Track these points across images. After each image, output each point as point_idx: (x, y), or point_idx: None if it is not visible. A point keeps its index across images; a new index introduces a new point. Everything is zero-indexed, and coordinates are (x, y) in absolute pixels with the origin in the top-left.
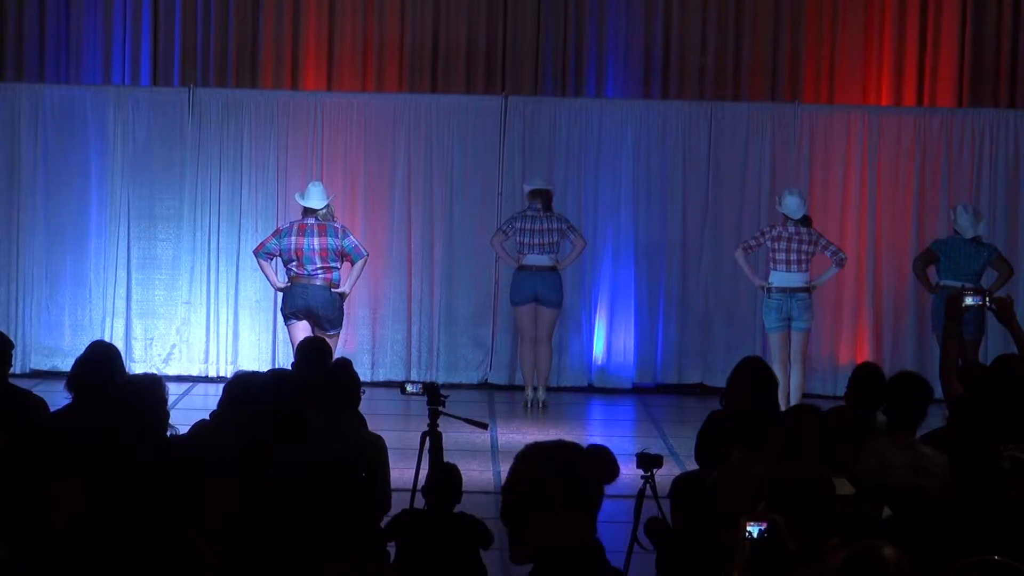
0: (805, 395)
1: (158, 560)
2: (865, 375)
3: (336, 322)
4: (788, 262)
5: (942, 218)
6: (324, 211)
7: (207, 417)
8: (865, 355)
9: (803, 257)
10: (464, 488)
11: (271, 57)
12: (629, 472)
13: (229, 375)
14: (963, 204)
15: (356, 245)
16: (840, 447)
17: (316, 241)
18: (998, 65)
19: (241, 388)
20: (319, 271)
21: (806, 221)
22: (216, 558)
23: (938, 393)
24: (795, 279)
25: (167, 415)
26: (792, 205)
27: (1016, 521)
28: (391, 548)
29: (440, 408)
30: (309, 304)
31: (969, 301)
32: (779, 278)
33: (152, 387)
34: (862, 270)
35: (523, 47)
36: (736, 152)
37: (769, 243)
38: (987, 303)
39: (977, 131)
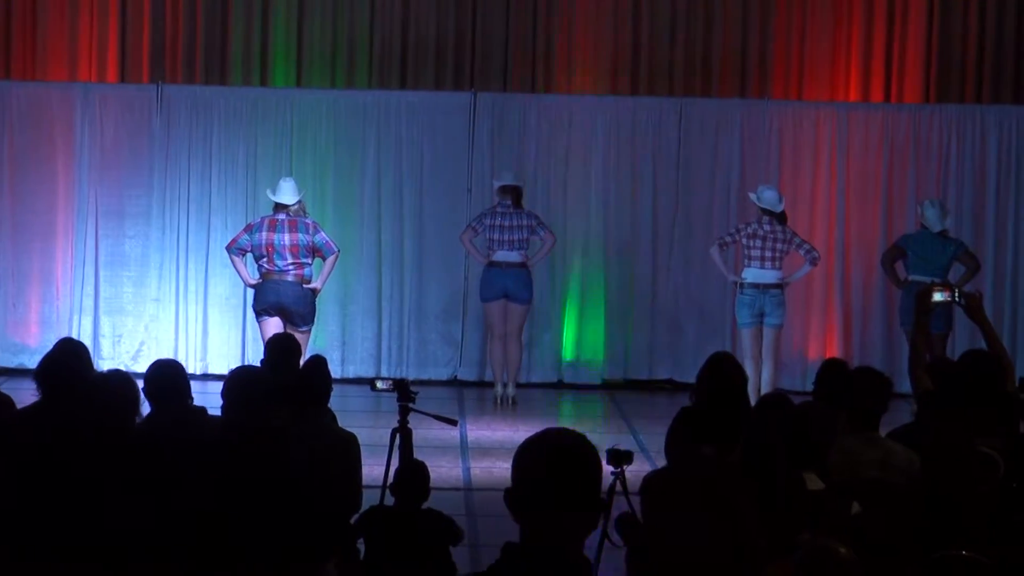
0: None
1: (124, 555)
2: (832, 371)
3: (308, 318)
4: (762, 259)
5: (910, 213)
6: (295, 207)
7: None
8: (834, 350)
9: (777, 255)
10: (434, 485)
11: (240, 54)
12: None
13: (199, 372)
14: (930, 199)
15: (327, 241)
16: (809, 442)
17: (287, 237)
18: (964, 61)
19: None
20: (291, 267)
21: (782, 218)
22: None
23: (906, 388)
24: (768, 276)
25: (139, 413)
26: (771, 199)
27: (984, 517)
28: (360, 545)
29: (410, 404)
30: (281, 300)
31: (938, 297)
32: (752, 274)
33: (123, 384)
34: (831, 265)
35: (492, 43)
36: (706, 148)
37: (744, 240)
38: (956, 299)
39: (944, 126)
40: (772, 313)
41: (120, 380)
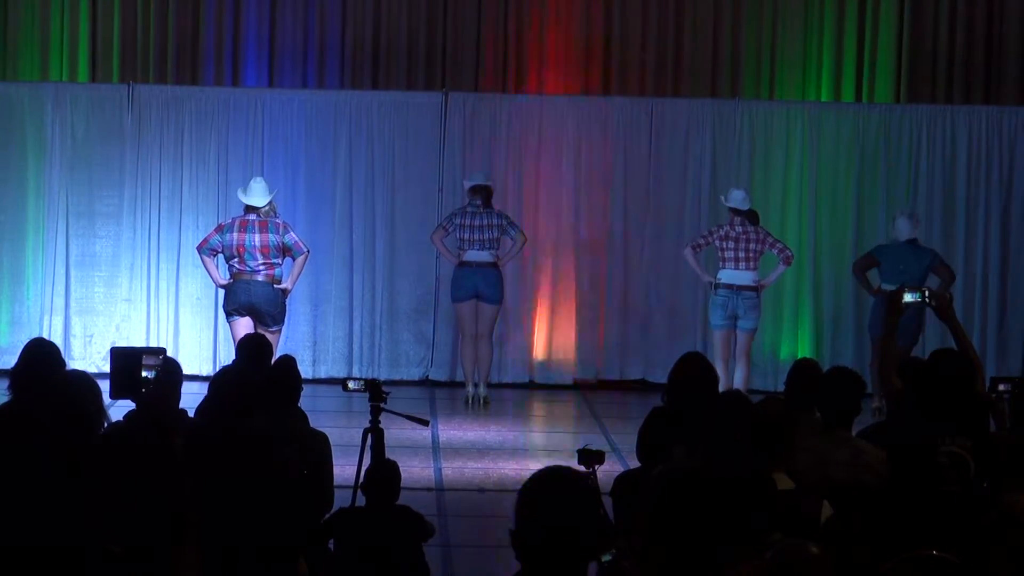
0: (748, 391)
1: (94, 556)
2: (803, 371)
3: (278, 318)
4: (736, 260)
5: (881, 213)
6: (266, 207)
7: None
8: (805, 350)
9: (751, 255)
10: (405, 484)
11: (211, 53)
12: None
13: None
14: (900, 210)
15: (296, 241)
16: (776, 441)
17: (257, 237)
18: (935, 61)
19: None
20: (261, 267)
21: (754, 219)
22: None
23: (869, 388)
24: (743, 277)
25: (106, 414)
26: (738, 197)
27: (953, 516)
28: (331, 545)
29: (382, 405)
30: (252, 300)
31: (909, 298)
32: (727, 275)
33: (86, 385)
34: (802, 265)
35: (463, 43)
36: (677, 148)
37: (718, 242)
38: (927, 299)
39: (915, 126)
40: (746, 316)
41: (81, 380)
